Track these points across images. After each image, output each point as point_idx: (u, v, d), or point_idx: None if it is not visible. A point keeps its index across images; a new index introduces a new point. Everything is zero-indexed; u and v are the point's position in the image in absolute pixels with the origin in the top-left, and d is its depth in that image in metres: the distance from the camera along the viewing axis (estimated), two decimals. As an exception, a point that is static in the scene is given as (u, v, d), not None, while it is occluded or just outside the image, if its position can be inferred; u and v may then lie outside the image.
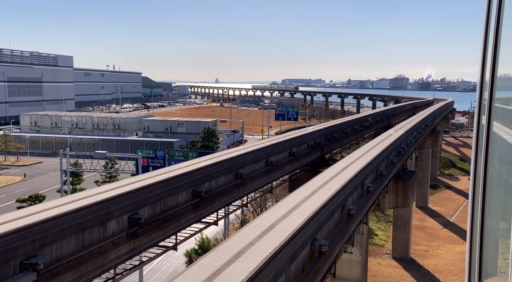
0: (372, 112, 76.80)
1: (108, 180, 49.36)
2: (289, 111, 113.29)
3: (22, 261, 10.95)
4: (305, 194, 17.38)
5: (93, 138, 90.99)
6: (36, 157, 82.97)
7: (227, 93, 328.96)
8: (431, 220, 53.80)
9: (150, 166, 44.54)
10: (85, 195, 14.93)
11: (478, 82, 4.35)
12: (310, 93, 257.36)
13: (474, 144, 4.27)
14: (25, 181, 64.81)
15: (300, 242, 13.20)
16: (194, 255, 31.58)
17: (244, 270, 10.23)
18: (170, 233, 17.82)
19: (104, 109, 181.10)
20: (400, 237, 41.74)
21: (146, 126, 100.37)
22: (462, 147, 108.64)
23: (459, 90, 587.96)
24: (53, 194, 47.05)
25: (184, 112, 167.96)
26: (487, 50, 4.02)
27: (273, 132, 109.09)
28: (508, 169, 2.98)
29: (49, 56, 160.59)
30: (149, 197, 16.32)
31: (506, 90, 3.65)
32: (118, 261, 14.88)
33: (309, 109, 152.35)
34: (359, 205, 21.11)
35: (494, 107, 3.84)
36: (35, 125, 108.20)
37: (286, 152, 30.54)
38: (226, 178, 22.45)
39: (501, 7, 3.64)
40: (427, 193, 60.57)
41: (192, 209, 19.16)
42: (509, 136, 3.19)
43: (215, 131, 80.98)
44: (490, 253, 3.87)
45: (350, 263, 26.54)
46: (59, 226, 12.21)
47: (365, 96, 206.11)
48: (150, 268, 35.11)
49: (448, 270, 38.63)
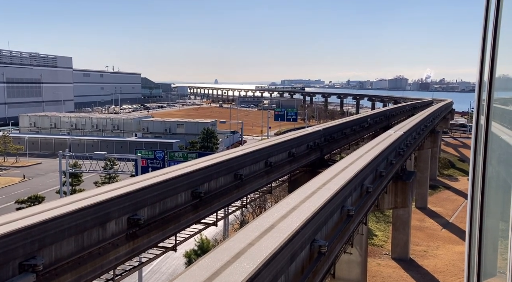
0: (371, 113, 76.83)
1: (108, 181, 49.34)
2: (289, 112, 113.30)
3: (21, 262, 10.94)
4: (304, 195, 17.38)
5: (93, 139, 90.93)
6: (35, 158, 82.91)
7: (227, 94, 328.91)
8: (430, 221, 53.83)
9: (150, 166, 44.51)
10: (85, 196, 14.92)
11: (476, 83, 4.36)
12: (309, 94, 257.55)
13: (473, 144, 4.28)
14: (24, 182, 64.76)
15: (299, 243, 13.21)
16: (193, 256, 31.57)
17: (243, 271, 10.23)
18: (169, 234, 17.81)
19: (103, 110, 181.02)
20: (400, 238, 41.75)
21: (146, 127, 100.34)
22: (461, 147, 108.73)
23: (458, 90, 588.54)
24: (53, 195, 47.04)
25: (183, 113, 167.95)
26: (485, 51, 4.04)
27: (273, 133, 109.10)
28: (506, 169, 2.99)
29: (48, 57, 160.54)
30: (148, 198, 16.31)
31: (505, 90, 3.66)
32: (118, 262, 14.87)
33: (309, 110, 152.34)
34: (358, 206, 21.11)
35: (492, 107, 3.85)
36: (34, 126, 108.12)
37: (286, 152, 30.54)
38: (226, 178, 22.45)
39: (499, 8, 3.65)
40: (426, 194, 60.60)
41: (191, 210, 19.15)
42: (507, 136, 3.20)
43: (214, 132, 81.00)
44: (489, 253, 3.88)
45: (349, 263, 26.54)
46: (59, 227, 12.20)
47: (364, 97, 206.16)
48: (149, 269, 35.08)
49: (448, 270, 38.65)
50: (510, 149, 2.88)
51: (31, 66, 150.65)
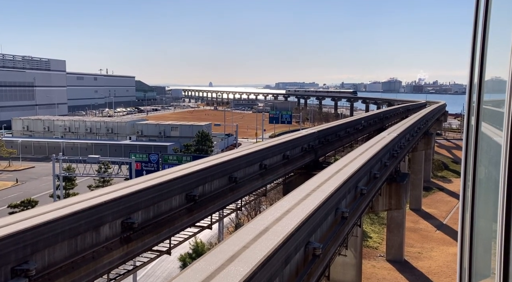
0: (365, 115, 77.12)
1: (102, 184, 49.06)
2: (283, 114, 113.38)
3: (14, 267, 10.85)
4: (299, 197, 17.40)
5: (86, 143, 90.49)
6: (29, 162, 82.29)
7: (221, 97, 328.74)
8: (424, 222, 54.06)
9: (144, 170, 44.36)
10: (78, 199, 14.84)
11: (467, 85, 4.41)
12: (303, 96, 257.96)
13: (464, 146, 4.32)
14: (17, 186, 64.23)
15: (294, 245, 13.21)
16: (188, 259, 31.46)
17: (238, 273, 10.22)
18: (164, 237, 17.75)
19: (97, 113, 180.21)
20: (394, 240, 41.89)
21: (140, 130, 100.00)
22: (454, 149, 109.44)
23: (451, 93, 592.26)
24: (46, 199, 46.68)
25: (177, 116, 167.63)
26: (475, 54, 4.08)
27: (267, 135, 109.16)
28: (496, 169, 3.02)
29: (41, 61, 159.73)
30: (142, 201, 16.25)
31: (494, 92, 3.71)
32: (112, 266, 14.78)
33: (303, 113, 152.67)
34: (352, 208, 21.17)
35: (482, 109, 3.89)
36: (27, 130, 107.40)
37: (280, 155, 30.58)
38: (220, 181, 22.43)
39: (488, 12, 3.70)
40: (420, 195, 60.88)
41: (186, 213, 19.10)
42: (497, 137, 3.23)
43: (209, 135, 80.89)
44: (480, 254, 3.91)
45: (344, 266, 26.57)
46: (52, 231, 12.12)
47: (358, 99, 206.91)
48: (144, 273, 34.89)
49: (442, 272, 38.81)
50: (500, 149, 2.91)
51: (24, 69, 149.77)
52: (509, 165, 2.69)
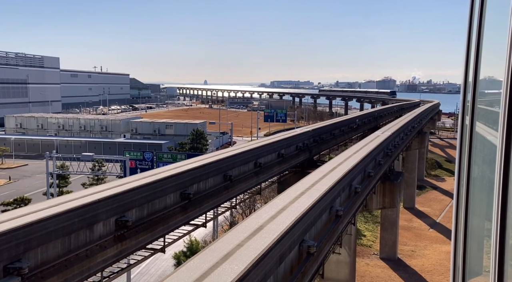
0: (359, 114, 77.37)
1: (95, 182, 48.83)
2: (278, 113, 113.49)
3: (6, 266, 10.77)
4: (293, 195, 17.42)
5: (80, 141, 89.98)
6: (22, 160, 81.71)
7: (216, 95, 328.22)
8: (418, 221, 54.38)
9: (138, 168, 44.22)
10: (72, 197, 14.75)
11: (462, 84, 4.42)
12: (298, 95, 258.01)
13: (459, 145, 4.34)
14: (10, 184, 63.76)
15: (288, 244, 13.23)
16: (182, 258, 31.42)
17: (232, 272, 10.22)
18: (158, 236, 17.69)
19: (91, 111, 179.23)
20: (388, 238, 42.11)
21: (134, 128, 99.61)
22: (448, 148, 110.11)
23: (445, 92, 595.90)
24: (39, 197, 46.38)
25: (172, 114, 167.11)
26: (470, 53, 4.10)
27: (262, 134, 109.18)
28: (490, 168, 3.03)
29: (35, 58, 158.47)
30: (136, 199, 16.19)
31: (488, 91, 3.72)
32: (105, 264, 14.72)
33: (298, 111, 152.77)
34: (347, 206, 21.23)
35: (477, 108, 3.91)
36: (21, 127, 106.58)
37: (275, 153, 30.59)
38: (215, 179, 22.39)
39: (483, 11, 3.71)
40: (414, 194, 61.22)
41: (180, 211, 19.06)
42: (491, 136, 3.24)
43: (203, 133, 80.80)
44: (474, 252, 3.93)
45: (338, 264, 26.66)
46: (45, 229, 12.04)
47: (353, 98, 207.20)
48: (138, 271, 34.81)
49: (435, 270, 39.07)
50: (494, 149, 2.92)
51: (17, 66, 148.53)
52: (504, 164, 2.70)
